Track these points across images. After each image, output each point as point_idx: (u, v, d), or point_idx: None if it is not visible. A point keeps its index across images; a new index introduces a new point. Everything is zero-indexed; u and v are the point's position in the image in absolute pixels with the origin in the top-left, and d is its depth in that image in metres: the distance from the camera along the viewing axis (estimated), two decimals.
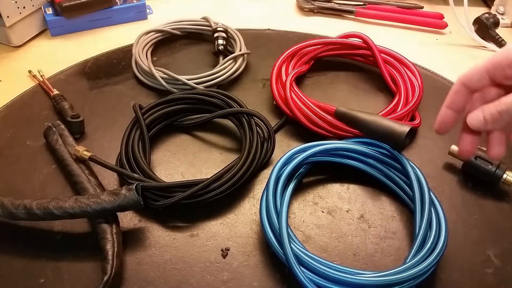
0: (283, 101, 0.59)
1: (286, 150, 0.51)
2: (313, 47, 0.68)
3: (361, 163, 0.52)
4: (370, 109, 0.63)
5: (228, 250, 0.46)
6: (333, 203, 0.51)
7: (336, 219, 0.50)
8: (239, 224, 0.49)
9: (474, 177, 0.54)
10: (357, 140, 0.53)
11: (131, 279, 0.44)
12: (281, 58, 0.64)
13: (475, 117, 0.39)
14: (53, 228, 0.48)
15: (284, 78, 0.61)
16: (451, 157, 0.55)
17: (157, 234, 0.48)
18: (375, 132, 0.52)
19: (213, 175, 0.48)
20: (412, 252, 0.43)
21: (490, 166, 0.52)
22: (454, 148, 0.54)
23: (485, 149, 0.53)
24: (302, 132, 0.59)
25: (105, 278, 0.41)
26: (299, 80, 0.67)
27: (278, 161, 0.49)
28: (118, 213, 0.47)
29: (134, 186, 0.45)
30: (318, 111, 0.56)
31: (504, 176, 0.51)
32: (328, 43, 0.68)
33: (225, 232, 0.48)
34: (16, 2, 0.70)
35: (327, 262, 0.42)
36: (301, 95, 0.58)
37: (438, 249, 0.43)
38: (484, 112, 0.38)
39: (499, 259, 0.46)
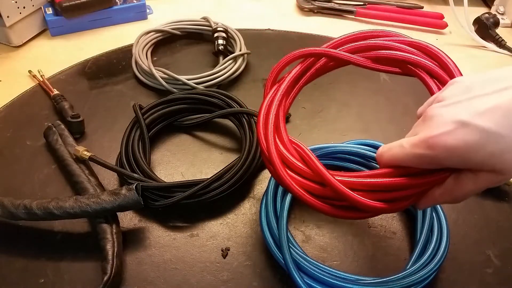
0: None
1: None
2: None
3: (363, 167, 0.51)
4: (370, 109, 0.64)
5: (228, 250, 0.46)
6: None
7: (336, 219, 0.50)
8: (239, 224, 0.49)
9: None
10: (359, 142, 0.52)
11: (131, 279, 0.44)
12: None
13: None
14: (53, 228, 0.48)
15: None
16: None
17: (157, 234, 0.48)
18: None
19: (213, 175, 0.48)
20: (413, 258, 0.43)
21: None
22: None
23: None
24: (303, 132, 0.59)
25: (105, 278, 0.41)
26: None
27: None
28: (118, 213, 0.47)
29: (134, 186, 0.45)
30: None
31: None
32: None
33: (225, 232, 0.48)
34: (16, 2, 0.70)
35: (327, 268, 0.41)
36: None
37: (439, 255, 0.43)
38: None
39: (499, 259, 0.46)
